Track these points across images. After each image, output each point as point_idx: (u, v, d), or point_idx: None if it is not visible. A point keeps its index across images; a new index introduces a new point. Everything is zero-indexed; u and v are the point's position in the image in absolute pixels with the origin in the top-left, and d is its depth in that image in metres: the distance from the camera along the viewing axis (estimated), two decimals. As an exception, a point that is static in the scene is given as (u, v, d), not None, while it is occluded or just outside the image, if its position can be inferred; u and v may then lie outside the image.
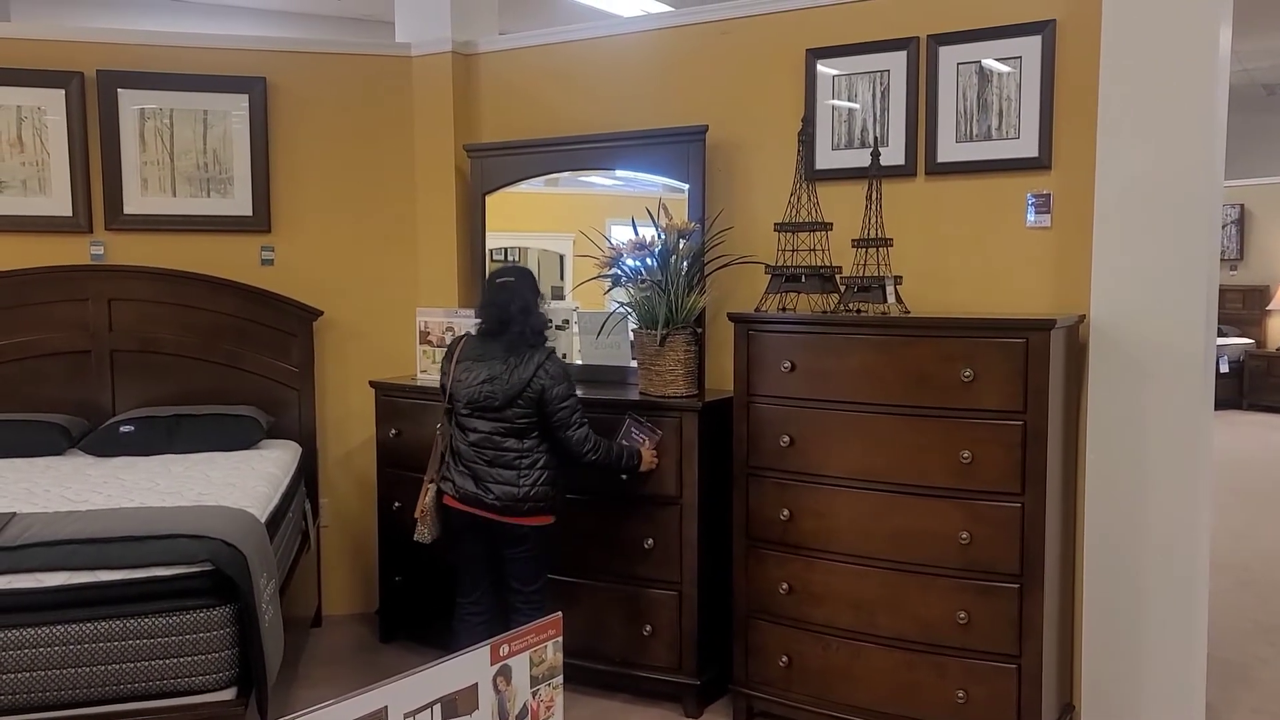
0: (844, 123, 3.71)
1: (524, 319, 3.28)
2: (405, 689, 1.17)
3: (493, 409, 3.22)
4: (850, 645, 3.29)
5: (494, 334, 3.29)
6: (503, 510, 3.24)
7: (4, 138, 4.22)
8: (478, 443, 3.25)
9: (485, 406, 3.23)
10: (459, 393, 3.27)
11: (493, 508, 3.24)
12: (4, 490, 3.31)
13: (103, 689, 2.58)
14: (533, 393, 3.21)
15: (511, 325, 3.27)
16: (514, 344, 3.26)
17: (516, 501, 3.24)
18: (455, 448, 3.30)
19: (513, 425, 3.23)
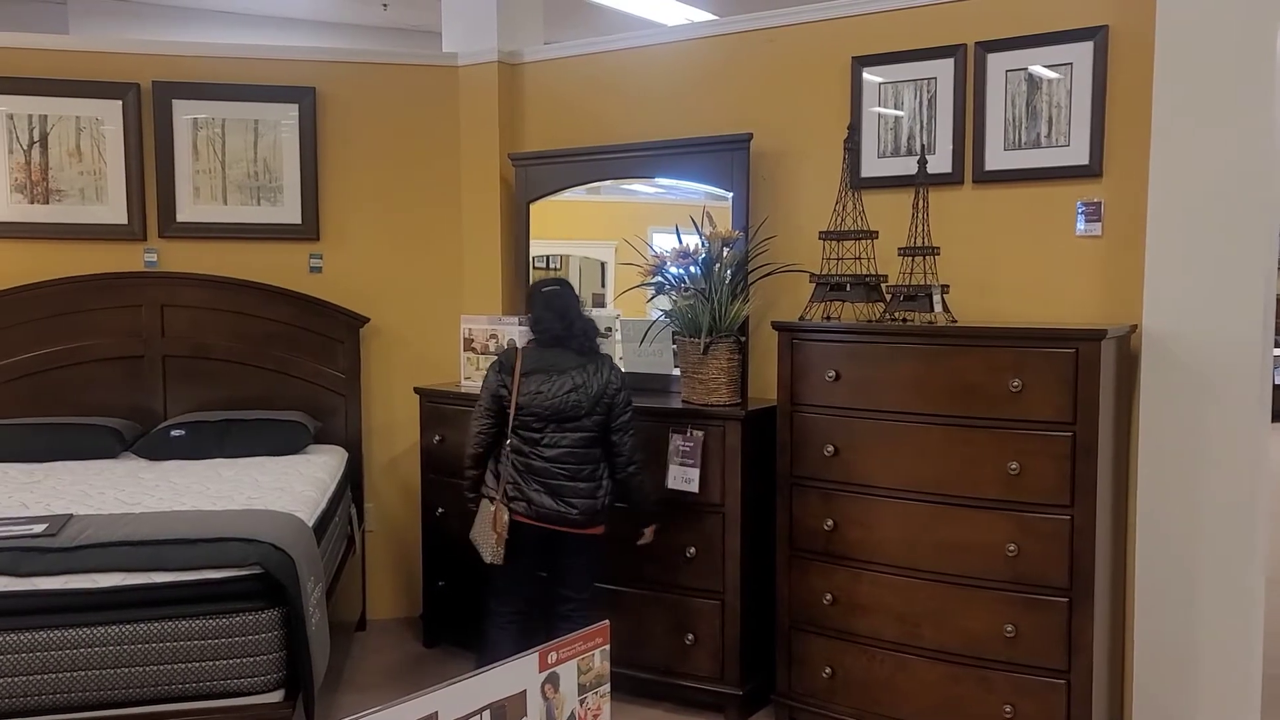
0: (890, 130, 3.68)
1: (586, 326, 3.31)
2: (455, 695, 1.18)
3: (576, 418, 3.20)
4: (895, 657, 3.26)
5: (556, 343, 3.27)
6: (584, 523, 3.24)
7: (63, 148, 4.32)
8: (558, 458, 3.20)
9: (571, 416, 3.20)
10: (538, 405, 3.19)
11: (576, 522, 3.22)
12: (60, 492, 3.39)
13: (154, 689, 2.62)
14: (608, 399, 3.24)
15: (576, 334, 3.28)
16: (584, 352, 3.27)
17: (596, 513, 3.26)
18: (527, 464, 3.21)
19: (592, 434, 3.23)
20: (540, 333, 3.30)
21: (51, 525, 2.82)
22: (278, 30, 8.48)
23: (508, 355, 3.32)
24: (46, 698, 2.55)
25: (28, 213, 4.31)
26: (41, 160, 4.30)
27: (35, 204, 4.32)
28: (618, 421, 3.27)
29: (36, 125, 4.29)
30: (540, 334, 3.30)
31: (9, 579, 2.57)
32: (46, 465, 3.81)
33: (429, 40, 7.85)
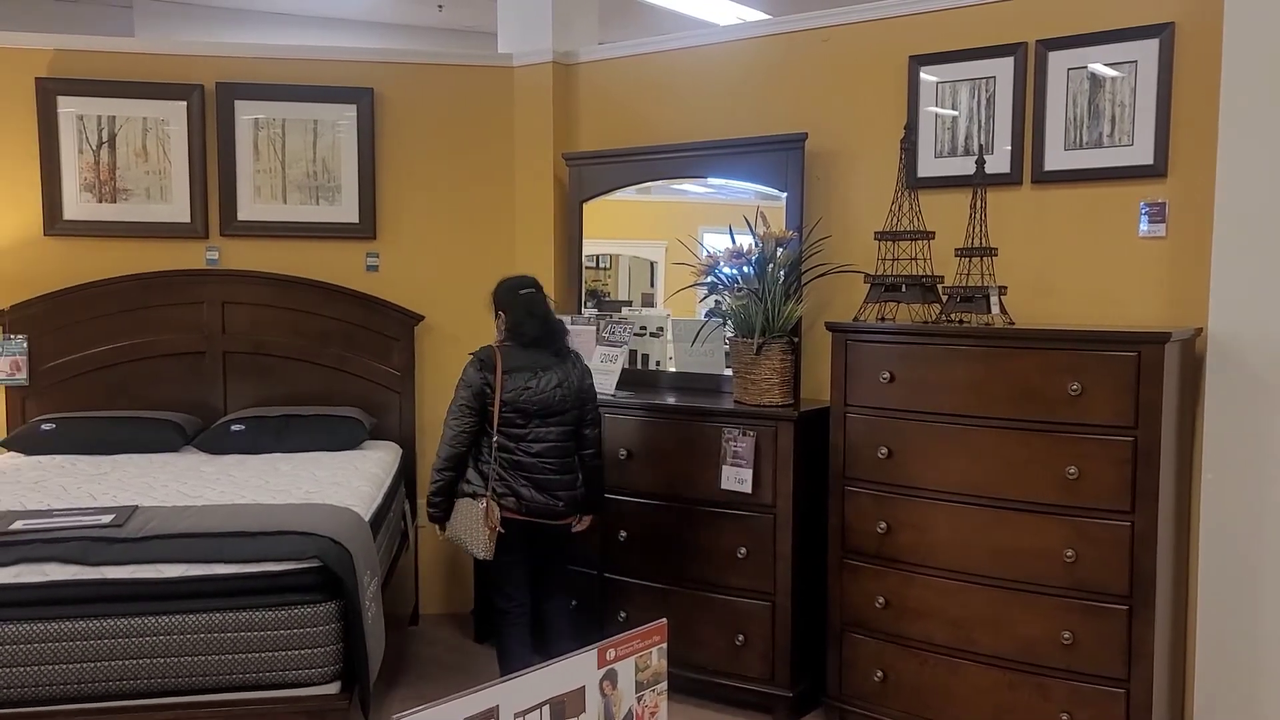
0: (947, 130, 3.65)
1: (560, 328, 3.47)
2: (516, 689, 1.19)
3: (561, 413, 3.33)
4: (948, 662, 3.22)
5: (534, 345, 3.35)
6: (566, 514, 3.38)
7: (130, 148, 4.43)
8: (543, 452, 3.31)
9: (557, 411, 3.32)
10: (525, 401, 3.27)
11: (561, 513, 3.35)
12: (126, 484, 3.47)
13: (215, 678, 2.68)
14: (584, 395, 3.42)
15: (555, 335, 3.41)
16: (561, 350, 3.41)
17: (576, 504, 3.40)
18: (513, 460, 3.28)
19: (570, 428, 3.37)
20: (520, 335, 3.36)
21: (118, 516, 2.90)
22: (335, 31, 8.61)
23: (486, 353, 3.34)
24: (113, 684, 2.62)
25: (96, 211, 4.43)
26: (109, 160, 4.42)
27: (103, 203, 4.43)
28: (590, 416, 3.44)
29: (105, 126, 4.40)
30: (520, 336, 3.36)
31: (79, 567, 2.65)
32: (112, 458, 3.91)
33: (483, 41, 7.92)
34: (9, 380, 4.28)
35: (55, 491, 3.36)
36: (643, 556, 3.84)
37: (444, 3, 8.21)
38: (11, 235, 4.39)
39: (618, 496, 3.89)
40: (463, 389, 3.33)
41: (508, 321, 3.40)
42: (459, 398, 3.33)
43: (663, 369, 4.28)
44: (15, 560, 2.64)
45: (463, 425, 3.31)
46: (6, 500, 3.21)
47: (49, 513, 2.98)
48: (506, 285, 3.47)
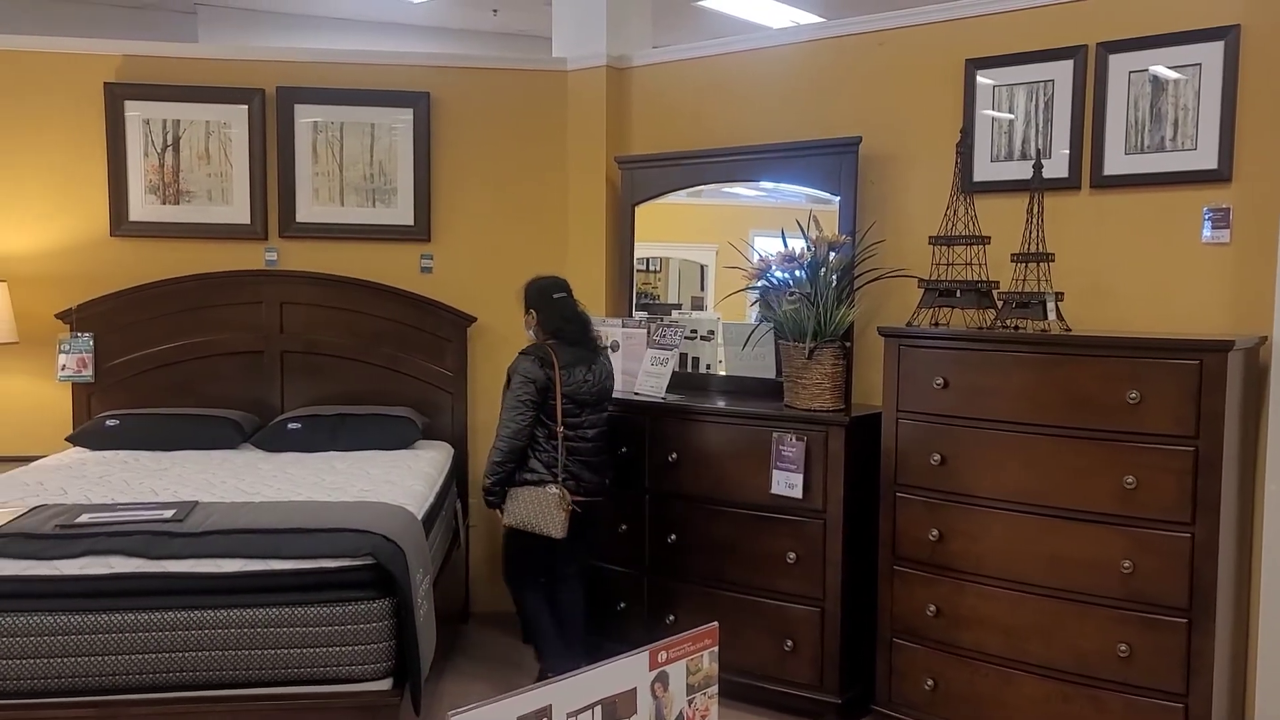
0: (1004, 134, 3.60)
1: (591, 327, 3.79)
2: (569, 689, 1.20)
3: (603, 400, 3.73)
4: (1000, 672, 3.18)
5: (578, 341, 3.67)
6: (606, 491, 3.79)
7: (193, 151, 4.53)
8: (596, 437, 3.70)
9: (603, 399, 3.73)
10: (584, 393, 3.63)
11: (605, 490, 3.78)
12: (186, 480, 3.55)
13: (270, 671, 2.72)
14: (612, 385, 3.81)
15: (590, 334, 3.75)
16: (595, 346, 3.76)
17: (611, 484, 3.82)
18: (572, 447, 3.61)
19: (607, 414, 3.78)
20: (564, 335, 3.66)
21: (179, 511, 2.97)
22: (393, 36, 8.73)
23: (544, 351, 3.61)
24: (173, 675, 2.67)
25: (159, 213, 4.54)
26: (173, 163, 4.52)
27: (166, 204, 4.54)
28: (608, 408, 3.80)
29: (170, 129, 4.51)
30: (564, 335, 3.66)
31: (141, 560, 2.71)
32: (173, 454, 4.00)
33: (538, 45, 7.98)
34: (76, 377, 4.40)
35: (119, 486, 3.45)
36: (691, 559, 3.84)
37: (499, 7, 8.28)
38: (80, 236, 4.52)
39: (666, 499, 3.90)
40: (524, 385, 3.56)
41: (546, 323, 3.69)
42: (521, 393, 3.56)
43: (713, 372, 4.28)
44: (82, 552, 2.71)
45: (526, 419, 3.57)
46: (73, 494, 3.30)
47: (113, 506, 3.05)
48: (538, 287, 3.76)
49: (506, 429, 3.57)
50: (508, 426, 3.57)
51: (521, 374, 3.57)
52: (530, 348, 3.65)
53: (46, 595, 2.64)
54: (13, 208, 4.48)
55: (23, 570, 2.65)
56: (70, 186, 4.51)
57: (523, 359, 3.61)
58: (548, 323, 3.68)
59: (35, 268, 4.48)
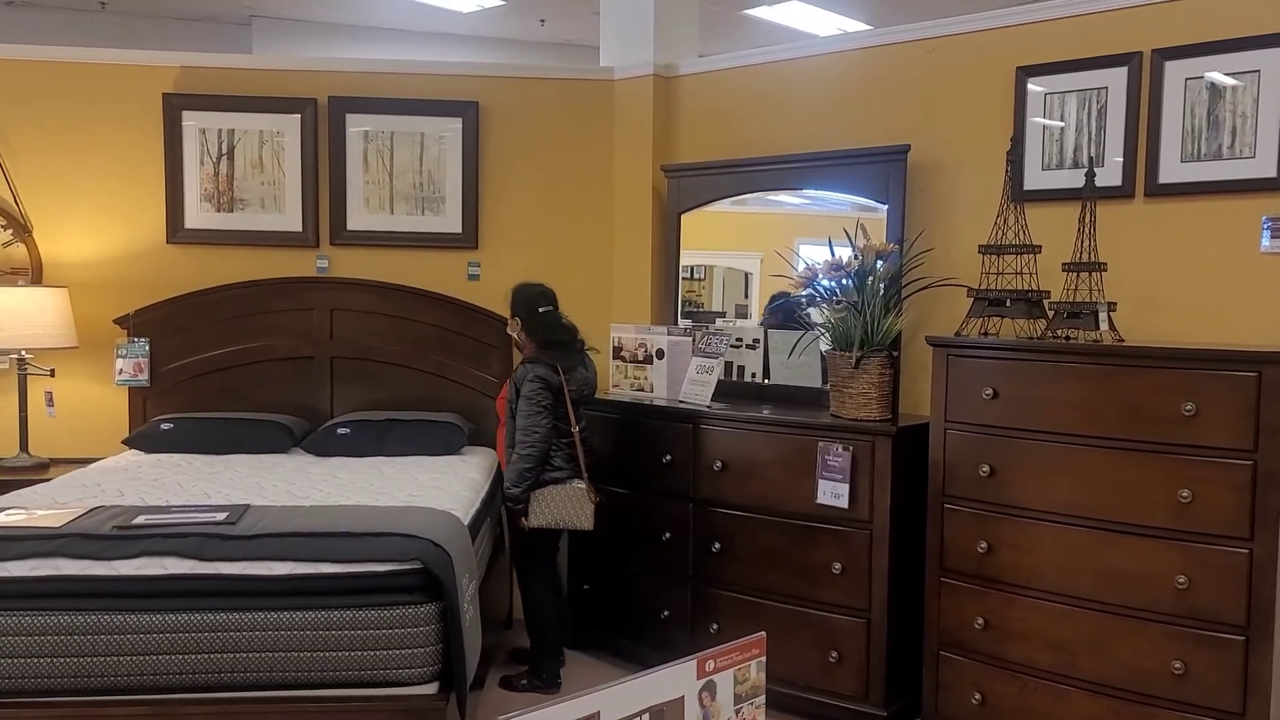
0: (1055, 142, 3.56)
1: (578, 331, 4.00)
2: (617, 696, 1.21)
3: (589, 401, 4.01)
4: (1050, 687, 3.13)
5: (568, 346, 3.88)
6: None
7: (247, 160, 4.62)
8: (586, 429, 3.92)
9: (590, 400, 4.01)
10: (582, 394, 3.91)
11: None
12: (238, 483, 3.61)
13: (319, 674, 2.76)
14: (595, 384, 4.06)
15: (577, 339, 3.94)
16: (583, 350, 3.98)
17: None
18: (579, 442, 3.82)
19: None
20: (557, 343, 3.86)
21: (231, 514, 3.02)
22: (443, 46, 8.83)
23: (549, 358, 3.80)
24: (224, 675, 2.72)
25: (214, 220, 4.63)
26: (228, 171, 4.61)
27: (221, 212, 4.63)
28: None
29: (225, 139, 4.60)
30: (557, 343, 3.86)
31: (194, 562, 2.76)
32: (225, 457, 4.07)
33: (585, 54, 8.03)
34: (132, 381, 4.49)
35: (173, 488, 3.52)
36: (736, 568, 3.83)
37: (547, 17, 8.35)
38: (138, 243, 4.62)
39: (711, 508, 3.89)
40: (540, 391, 3.74)
41: (535, 333, 3.89)
42: (539, 399, 3.74)
43: (757, 381, 4.26)
44: (138, 553, 2.77)
45: (547, 422, 3.74)
46: (130, 496, 3.37)
47: (168, 509, 3.12)
48: (526, 300, 3.94)
49: (531, 435, 3.72)
50: (532, 433, 3.72)
51: (534, 380, 3.74)
52: (535, 355, 3.84)
53: (104, 595, 2.71)
54: (75, 215, 4.60)
55: (82, 570, 2.72)
56: (129, 195, 4.61)
57: (533, 366, 3.79)
58: (537, 333, 3.88)
59: (95, 274, 4.60)
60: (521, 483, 3.72)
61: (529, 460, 3.71)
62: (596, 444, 4.11)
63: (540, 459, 3.74)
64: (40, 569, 2.71)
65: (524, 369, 3.80)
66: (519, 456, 3.73)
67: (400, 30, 8.76)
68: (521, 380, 3.78)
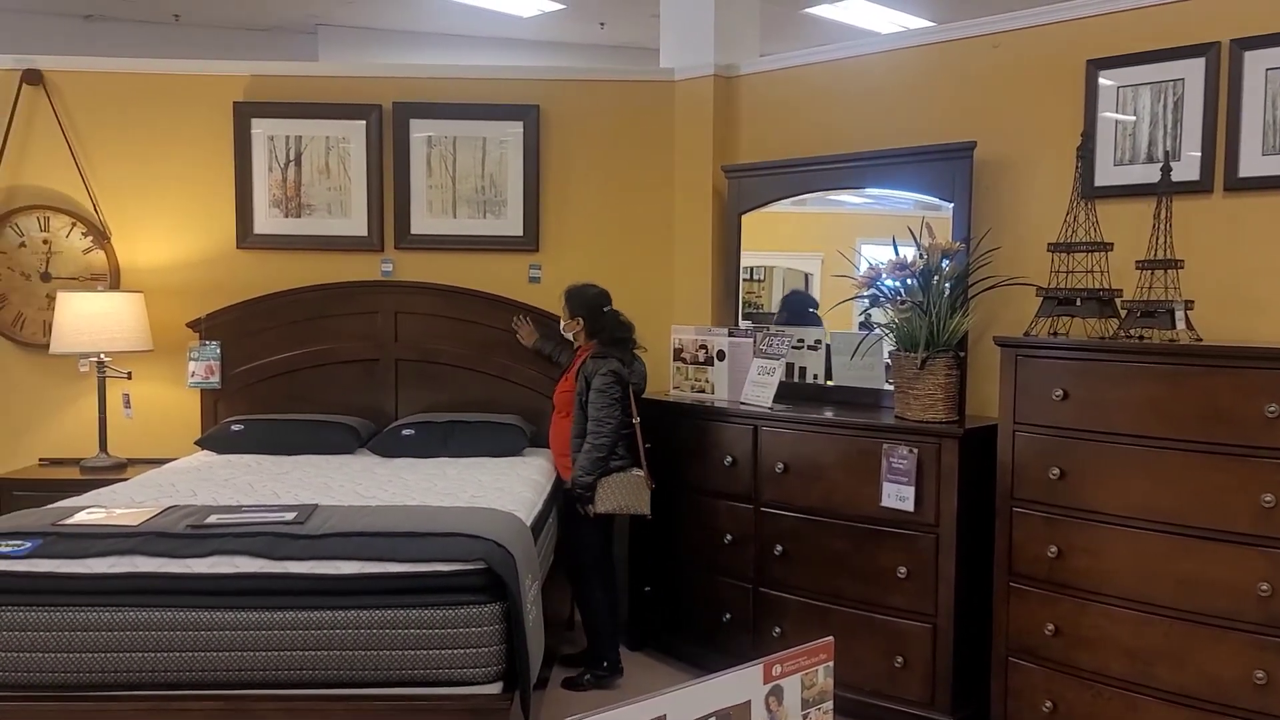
0: (1128, 136, 3.47)
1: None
2: (683, 699, 1.20)
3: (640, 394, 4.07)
4: (1124, 696, 3.05)
5: (626, 342, 4.01)
6: None
7: (314, 165, 4.70)
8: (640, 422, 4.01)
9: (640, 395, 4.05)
10: (639, 389, 4.01)
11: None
12: (306, 483, 3.68)
13: (385, 672, 2.79)
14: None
15: (634, 333, 4.04)
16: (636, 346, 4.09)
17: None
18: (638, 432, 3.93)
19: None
20: (619, 341, 3.98)
21: (300, 514, 3.07)
22: (504, 50, 8.90)
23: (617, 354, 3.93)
24: (293, 672, 2.76)
25: (282, 225, 4.72)
26: (295, 177, 4.70)
27: (289, 217, 4.72)
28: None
29: (292, 145, 4.69)
30: (620, 340, 3.99)
31: (264, 561, 2.81)
32: (293, 458, 4.15)
33: (644, 56, 8.04)
34: (204, 383, 4.60)
35: (243, 488, 3.59)
36: (798, 572, 3.80)
37: (606, 20, 8.37)
38: (209, 248, 4.73)
39: (773, 510, 3.86)
40: (613, 384, 3.86)
41: (598, 331, 4.00)
42: (612, 392, 3.85)
43: (819, 382, 4.22)
44: (211, 552, 2.83)
45: (618, 414, 3.86)
46: (202, 495, 3.45)
47: (239, 508, 3.18)
48: (587, 300, 4.05)
49: (605, 426, 3.83)
50: (606, 424, 3.83)
51: (608, 374, 3.86)
52: (605, 351, 3.93)
53: (178, 592, 2.77)
54: (150, 222, 4.73)
55: (158, 567, 2.79)
56: (201, 201, 4.73)
57: (605, 361, 3.89)
58: (603, 331, 3.99)
59: (168, 279, 4.72)
60: (594, 470, 3.81)
61: (601, 450, 3.82)
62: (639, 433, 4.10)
63: (610, 449, 3.85)
64: (118, 566, 2.79)
65: (595, 363, 3.89)
66: (591, 446, 3.82)
67: (461, 36, 8.85)
68: (593, 374, 3.87)
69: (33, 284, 4.66)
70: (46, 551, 2.82)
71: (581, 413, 3.90)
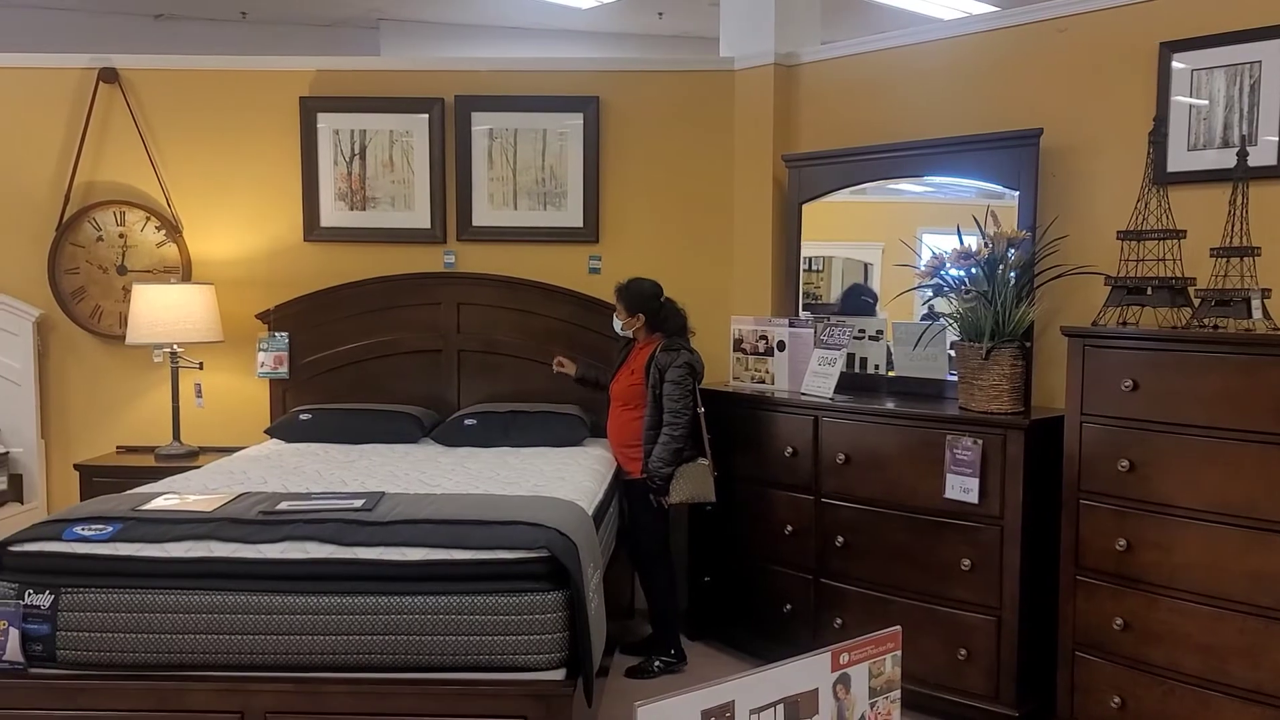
0: (1202, 121, 3.39)
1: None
2: (751, 685, 1.21)
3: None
4: (1197, 693, 2.99)
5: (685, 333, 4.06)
6: None
7: (378, 159, 4.78)
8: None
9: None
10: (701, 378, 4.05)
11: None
12: (372, 471, 3.74)
13: (450, 657, 2.83)
14: None
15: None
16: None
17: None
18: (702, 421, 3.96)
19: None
20: (680, 329, 4.04)
21: (368, 501, 3.13)
22: (562, 42, 8.93)
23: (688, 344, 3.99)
24: (361, 657, 2.82)
25: (348, 218, 4.81)
26: (360, 171, 4.78)
27: (354, 210, 4.80)
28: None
29: (357, 139, 4.77)
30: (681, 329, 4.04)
31: (334, 547, 2.87)
32: (360, 447, 4.23)
33: (702, 45, 8.01)
34: (273, 374, 4.70)
35: (312, 476, 3.67)
36: (860, 563, 3.78)
37: (665, 10, 8.35)
38: (277, 241, 4.83)
39: (834, 502, 3.85)
40: (688, 376, 3.91)
41: (660, 324, 4.03)
42: (687, 384, 3.90)
43: (880, 373, 4.19)
44: (282, 538, 2.90)
45: (692, 405, 3.92)
46: (272, 483, 3.53)
47: (309, 495, 3.25)
48: (647, 294, 4.08)
49: (682, 417, 3.87)
50: (683, 415, 3.87)
51: (683, 366, 3.90)
52: (675, 342, 3.98)
53: (251, 576, 2.84)
54: (221, 216, 4.84)
55: (232, 552, 2.86)
56: (269, 195, 4.83)
57: (678, 354, 3.92)
58: (663, 323, 4.03)
59: (238, 271, 4.83)
60: (673, 461, 3.87)
61: (679, 440, 3.88)
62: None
63: (687, 439, 3.90)
64: (195, 550, 2.87)
65: (668, 355, 3.93)
66: (670, 437, 3.87)
67: (520, 29, 8.89)
68: (668, 366, 3.91)
69: (109, 277, 4.80)
70: (127, 536, 2.91)
71: (655, 405, 3.92)
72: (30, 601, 2.80)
